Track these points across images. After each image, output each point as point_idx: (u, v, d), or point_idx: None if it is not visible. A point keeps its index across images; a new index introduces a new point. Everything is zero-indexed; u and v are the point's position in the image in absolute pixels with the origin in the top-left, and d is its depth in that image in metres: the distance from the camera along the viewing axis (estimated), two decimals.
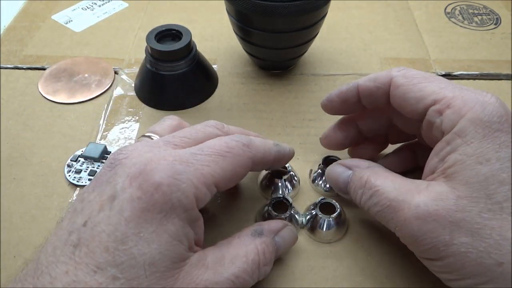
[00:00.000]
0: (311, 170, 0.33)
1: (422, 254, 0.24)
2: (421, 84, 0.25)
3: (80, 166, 0.34)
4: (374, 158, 0.32)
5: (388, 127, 0.31)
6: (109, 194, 0.21)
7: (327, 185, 0.32)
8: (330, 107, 0.31)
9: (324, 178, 0.32)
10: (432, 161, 0.25)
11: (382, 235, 0.30)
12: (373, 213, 0.26)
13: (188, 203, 0.22)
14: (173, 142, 0.24)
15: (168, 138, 0.25)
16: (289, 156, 0.29)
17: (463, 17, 0.50)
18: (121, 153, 0.23)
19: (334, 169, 0.29)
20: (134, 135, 0.37)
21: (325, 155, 0.33)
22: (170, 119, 0.29)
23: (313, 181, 0.33)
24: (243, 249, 0.24)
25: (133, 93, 0.41)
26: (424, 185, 0.24)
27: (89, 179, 0.33)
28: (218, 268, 0.23)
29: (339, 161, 0.29)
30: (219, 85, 0.42)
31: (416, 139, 0.32)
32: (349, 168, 0.28)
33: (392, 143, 0.33)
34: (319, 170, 0.32)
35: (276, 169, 0.32)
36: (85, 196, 0.23)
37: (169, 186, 0.21)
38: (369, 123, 0.31)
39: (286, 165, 0.32)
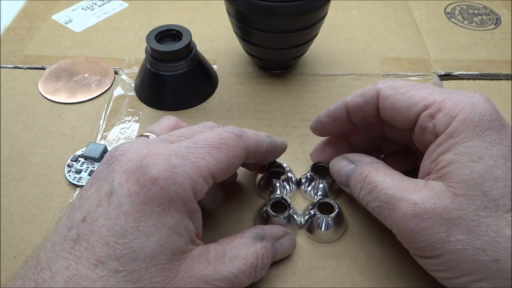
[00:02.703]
0: (300, 179, 0.33)
1: (418, 252, 0.24)
2: (409, 92, 0.26)
3: (80, 166, 0.34)
4: None
5: (379, 139, 0.31)
6: (107, 190, 0.22)
7: (318, 193, 0.31)
8: (320, 129, 0.31)
9: (313, 185, 0.32)
10: (425, 162, 0.25)
11: (382, 235, 0.30)
12: (371, 208, 0.26)
13: (185, 196, 0.22)
14: (169, 140, 0.25)
15: (164, 136, 0.25)
16: (281, 148, 0.30)
17: (463, 17, 0.50)
18: (118, 150, 0.24)
19: (338, 162, 0.29)
20: (134, 135, 0.37)
21: (317, 162, 0.32)
22: (168, 119, 0.29)
23: (302, 187, 0.32)
24: (244, 250, 0.25)
25: (133, 93, 0.41)
26: (422, 184, 0.24)
27: None
28: (219, 266, 0.23)
29: (344, 155, 0.29)
30: (219, 85, 0.42)
31: None
32: (352, 162, 0.28)
33: (384, 153, 0.33)
34: (308, 177, 0.32)
35: (274, 169, 0.32)
36: (83, 193, 0.23)
37: (166, 180, 0.21)
38: (360, 137, 0.31)
39: (285, 166, 0.32)
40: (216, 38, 0.47)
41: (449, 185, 0.23)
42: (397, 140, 0.30)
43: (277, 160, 0.33)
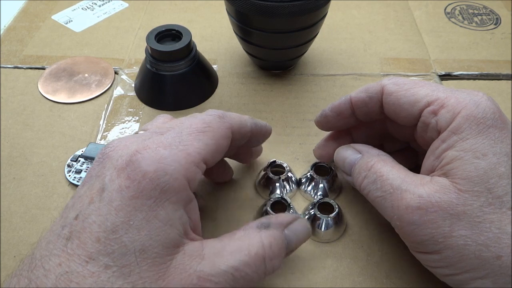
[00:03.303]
0: (300, 179, 0.33)
1: (419, 247, 0.24)
2: (413, 89, 0.26)
3: (80, 166, 0.34)
4: None
5: (382, 137, 0.31)
6: (98, 187, 0.22)
7: (318, 192, 0.32)
8: (324, 122, 0.31)
9: (313, 184, 0.32)
10: (428, 160, 0.25)
11: (382, 235, 0.30)
12: (372, 198, 0.26)
13: (178, 185, 0.22)
14: (159, 132, 0.24)
15: (154, 129, 0.25)
16: (266, 130, 0.30)
17: (463, 17, 0.50)
18: (108, 147, 0.24)
19: (344, 150, 0.29)
20: None
21: (316, 162, 0.33)
22: (162, 117, 0.29)
23: (302, 187, 0.32)
24: (246, 242, 0.23)
25: (133, 93, 0.41)
26: (428, 179, 0.24)
27: None
28: (216, 260, 0.22)
29: (351, 144, 0.29)
30: (219, 85, 0.42)
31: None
32: (359, 152, 0.28)
33: (386, 152, 0.33)
34: (308, 176, 0.32)
35: (274, 169, 0.32)
36: (77, 192, 0.23)
37: (156, 171, 0.21)
38: (363, 133, 0.32)
39: (284, 165, 0.32)
40: (216, 38, 0.47)
41: (454, 181, 0.23)
42: (400, 137, 0.30)
43: (277, 160, 0.33)
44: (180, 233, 0.22)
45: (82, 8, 0.51)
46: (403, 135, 0.30)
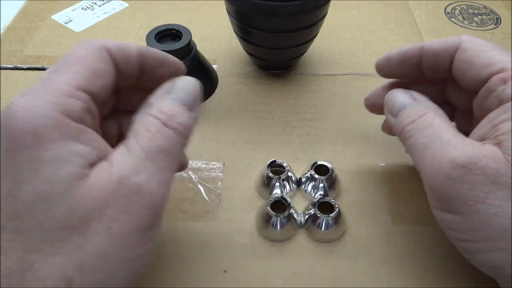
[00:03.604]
0: (300, 178, 0.33)
1: (444, 204, 0.23)
2: (491, 52, 0.25)
3: None
4: None
5: (439, 101, 0.29)
6: None
7: (318, 192, 0.32)
8: (387, 67, 0.30)
9: (313, 184, 0.32)
10: (483, 127, 0.25)
11: (382, 235, 0.30)
12: (414, 142, 0.25)
13: (53, 122, 0.20)
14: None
15: None
16: (161, 55, 0.25)
17: (463, 17, 0.50)
18: None
19: (399, 93, 0.28)
20: None
21: (316, 161, 0.33)
22: None
23: (302, 187, 0.32)
24: (141, 127, 0.22)
25: None
26: (479, 143, 0.24)
27: None
28: (126, 157, 0.21)
29: (409, 90, 0.28)
30: (219, 85, 0.42)
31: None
32: (415, 99, 0.27)
33: None
34: (309, 176, 0.32)
35: (274, 169, 0.32)
36: None
37: (21, 121, 0.20)
38: (421, 91, 0.30)
39: (284, 165, 0.32)
40: (216, 38, 0.47)
41: (506, 152, 0.22)
42: (456, 103, 0.29)
43: (277, 159, 0.33)
44: (81, 165, 0.20)
45: (82, 8, 0.51)
46: (461, 102, 0.29)
